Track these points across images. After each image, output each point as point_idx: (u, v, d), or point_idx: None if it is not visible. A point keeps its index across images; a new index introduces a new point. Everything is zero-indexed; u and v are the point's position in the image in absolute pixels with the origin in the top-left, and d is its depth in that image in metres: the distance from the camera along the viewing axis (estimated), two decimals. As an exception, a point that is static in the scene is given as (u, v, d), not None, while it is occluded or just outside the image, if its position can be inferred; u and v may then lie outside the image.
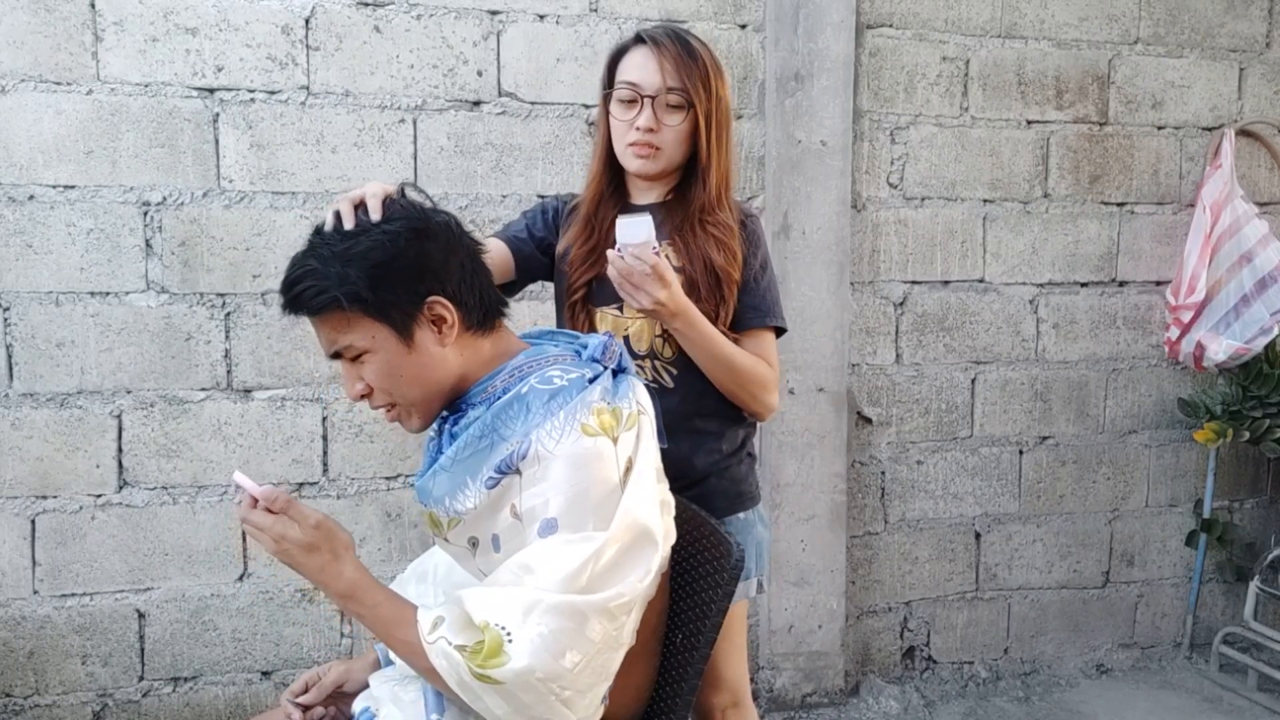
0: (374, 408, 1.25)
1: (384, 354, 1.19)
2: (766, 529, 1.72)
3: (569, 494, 1.12)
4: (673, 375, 1.59)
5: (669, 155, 1.57)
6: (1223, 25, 2.98)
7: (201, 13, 2.28)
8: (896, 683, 2.84)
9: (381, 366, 1.20)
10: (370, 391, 1.23)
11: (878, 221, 2.76)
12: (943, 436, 2.86)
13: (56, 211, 2.24)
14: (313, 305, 1.17)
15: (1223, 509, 3.08)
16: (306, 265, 1.18)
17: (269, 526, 1.14)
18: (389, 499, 2.47)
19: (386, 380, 1.21)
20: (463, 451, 1.19)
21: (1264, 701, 2.76)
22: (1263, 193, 3.04)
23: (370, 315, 1.17)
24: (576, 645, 1.07)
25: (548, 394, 1.18)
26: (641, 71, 1.55)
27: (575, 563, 1.08)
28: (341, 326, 1.18)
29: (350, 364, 1.22)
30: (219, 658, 2.40)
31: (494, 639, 1.06)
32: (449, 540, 1.24)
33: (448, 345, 1.22)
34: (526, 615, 1.06)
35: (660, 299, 1.43)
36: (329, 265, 1.16)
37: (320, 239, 1.20)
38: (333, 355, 1.22)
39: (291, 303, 1.19)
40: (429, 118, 2.43)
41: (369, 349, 1.19)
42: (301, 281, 1.17)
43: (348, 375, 1.24)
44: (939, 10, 2.75)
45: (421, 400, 1.24)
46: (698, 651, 1.30)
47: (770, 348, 1.63)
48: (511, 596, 1.08)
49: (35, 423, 2.26)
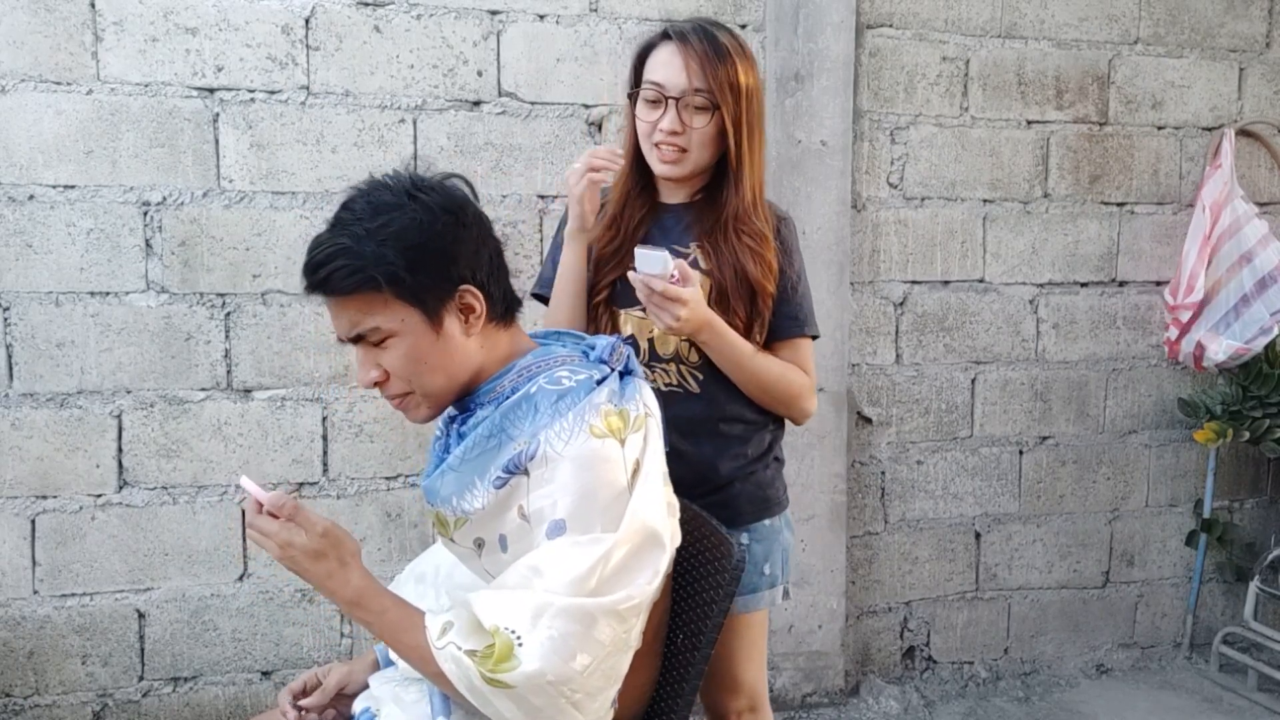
0: (386, 395, 1.22)
1: (411, 339, 1.16)
2: (792, 533, 1.70)
3: (577, 495, 1.11)
4: (698, 380, 1.57)
5: (695, 158, 1.53)
6: (1223, 25, 2.98)
7: (201, 13, 2.28)
8: (896, 683, 2.84)
9: (407, 351, 1.17)
10: (385, 379, 1.19)
11: (878, 221, 2.76)
12: (943, 436, 2.86)
13: (56, 211, 2.24)
14: (345, 286, 1.12)
15: (1223, 509, 3.08)
16: (337, 243, 1.12)
17: (275, 533, 1.13)
18: (389, 499, 2.47)
19: (409, 366, 1.18)
20: (471, 451, 1.18)
21: (1264, 701, 2.76)
22: (1263, 193, 3.04)
23: (403, 298, 1.14)
24: (586, 648, 1.07)
25: (556, 395, 1.17)
26: (666, 70, 1.50)
27: (584, 565, 1.08)
28: (370, 308, 1.14)
29: (369, 348, 1.18)
30: (219, 658, 2.40)
31: (504, 643, 1.05)
32: (455, 541, 1.23)
33: (472, 335, 1.21)
34: (536, 619, 1.06)
35: (680, 316, 1.41)
36: (363, 244, 1.12)
37: (351, 214, 1.15)
38: (352, 339, 1.18)
39: (320, 284, 1.13)
40: (429, 118, 2.43)
41: (396, 333, 1.16)
42: (333, 260, 1.12)
43: (364, 360, 1.19)
44: (939, 10, 2.75)
45: (439, 390, 1.21)
46: (699, 652, 1.30)
47: (807, 354, 1.61)
48: (521, 600, 1.07)
49: (35, 423, 2.26)
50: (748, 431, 1.60)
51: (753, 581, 1.60)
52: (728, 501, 1.57)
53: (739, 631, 1.61)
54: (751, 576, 1.59)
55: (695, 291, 1.43)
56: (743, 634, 1.62)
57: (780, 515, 1.66)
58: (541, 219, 2.50)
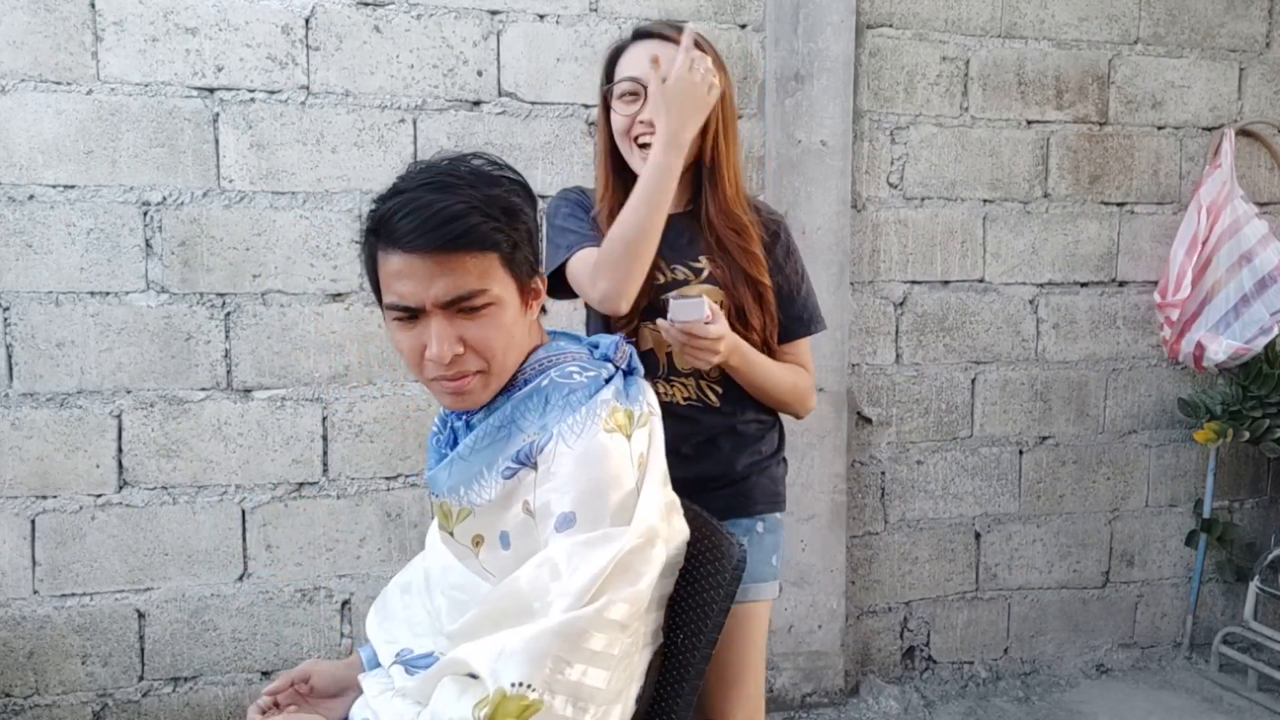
0: (451, 374, 1.15)
1: (508, 312, 1.15)
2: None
3: (584, 489, 1.11)
4: (717, 394, 1.59)
5: None
6: (1223, 25, 2.98)
7: (201, 13, 2.28)
8: (896, 683, 2.84)
9: (504, 324, 1.15)
10: (464, 352, 1.14)
11: (878, 221, 2.76)
12: (943, 436, 2.86)
13: (56, 211, 2.24)
14: (478, 242, 1.09)
15: (1223, 509, 3.08)
16: (467, 201, 1.10)
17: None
18: (389, 499, 2.47)
19: (499, 339, 1.14)
20: (481, 441, 1.18)
21: (1264, 701, 2.76)
22: (1263, 193, 3.04)
23: (511, 269, 1.15)
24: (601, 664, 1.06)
25: (567, 389, 1.17)
26: (640, 65, 1.51)
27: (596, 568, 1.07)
28: (488, 271, 1.12)
29: (453, 318, 1.12)
30: (219, 658, 2.40)
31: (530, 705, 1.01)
32: (454, 535, 1.23)
33: (530, 319, 1.22)
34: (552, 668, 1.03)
35: (720, 352, 1.44)
36: (490, 206, 1.11)
37: (459, 180, 1.12)
38: (446, 303, 1.11)
39: (450, 239, 1.08)
40: (429, 118, 2.43)
41: (499, 302, 1.13)
42: (465, 218, 1.09)
43: (443, 332, 1.12)
44: (939, 10, 2.75)
45: (510, 369, 1.19)
46: (699, 651, 1.29)
47: (808, 352, 1.65)
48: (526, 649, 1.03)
49: (35, 423, 2.26)
50: (762, 430, 1.64)
51: (761, 570, 1.61)
52: (745, 493, 1.60)
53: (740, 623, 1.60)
54: (761, 565, 1.60)
55: (724, 325, 1.45)
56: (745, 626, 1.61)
57: (784, 512, 1.69)
58: (541, 219, 2.50)
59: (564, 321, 2.52)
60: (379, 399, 2.44)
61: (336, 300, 2.40)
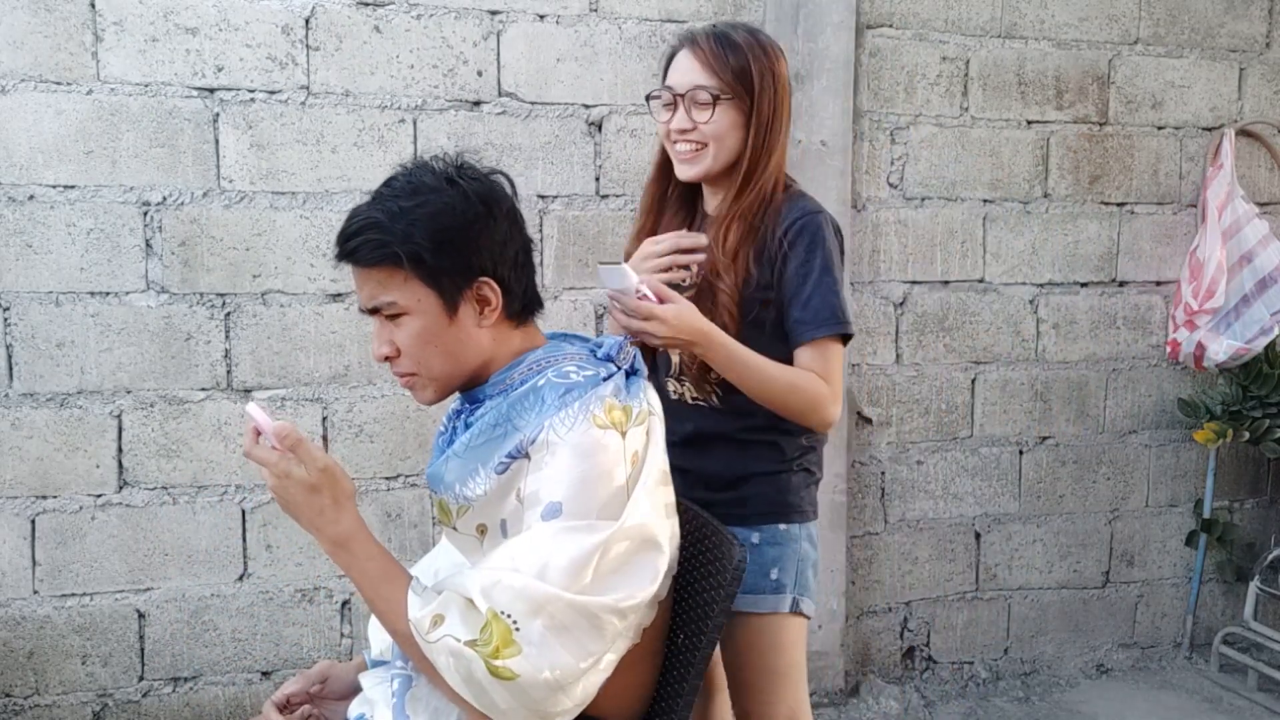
0: (395, 373, 1.26)
1: (424, 320, 1.19)
2: (815, 548, 1.63)
3: (574, 480, 1.12)
4: (719, 396, 1.57)
5: (714, 152, 1.52)
6: (1223, 25, 2.98)
7: (201, 13, 2.28)
8: (896, 683, 2.84)
9: (418, 332, 1.20)
10: (395, 355, 1.22)
11: (878, 221, 2.76)
12: (943, 436, 2.86)
13: (56, 211, 2.24)
14: (368, 258, 1.17)
15: (1223, 509, 3.08)
16: (371, 217, 1.17)
17: (274, 463, 1.14)
18: (389, 499, 2.47)
19: (418, 347, 1.21)
20: (477, 439, 1.20)
21: (1264, 701, 2.76)
22: (1263, 193, 3.04)
23: (422, 278, 1.17)
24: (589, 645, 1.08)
25: (563, 387, 1.18)
26: (675, 73, 1.54)
27: (580, 552, 1.08)
28: (389, 283, 1.18)
29: (385, 322, 1.22)
30: (219, 658, 2.40)
31: (502, 629, 1.05)
32: (457, 529, 1.24)
33: (484, 328, 1.23)
34: (536, 612, 1.05)
35: (659, 334, 1.39)
36: (395, 220, 1.16)
37: (390, 190, 1.20)
38: (370, 310, 1.22)
39: (347, 254, 1.18)
40: (429, 118, 2.43)
41: (410, 311, 1.19)
42: (363, 234, 1.16)
43: (379, 334, 1.23)
44: (939, 10, 2.75)
45: (444, 375, 1.24)
46: (699, 653, 1.29)
47: (825, 360, 1.50)
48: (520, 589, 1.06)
49: (35, 423, 2.26)
50: (767, 436, 1.57)
51: (756, 582, 1.54)
52: (744, 499, 1.56)
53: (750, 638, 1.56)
54: (756, 577, 1.54)
55: (677, 308, 1.40)
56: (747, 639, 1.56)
57: (801, 525, 1.60)
58: (541, 219, 2.50)
59: (564, 322, 2.52)
60: (379, 399, 2.44)
61: (336, 300, 2.40)
